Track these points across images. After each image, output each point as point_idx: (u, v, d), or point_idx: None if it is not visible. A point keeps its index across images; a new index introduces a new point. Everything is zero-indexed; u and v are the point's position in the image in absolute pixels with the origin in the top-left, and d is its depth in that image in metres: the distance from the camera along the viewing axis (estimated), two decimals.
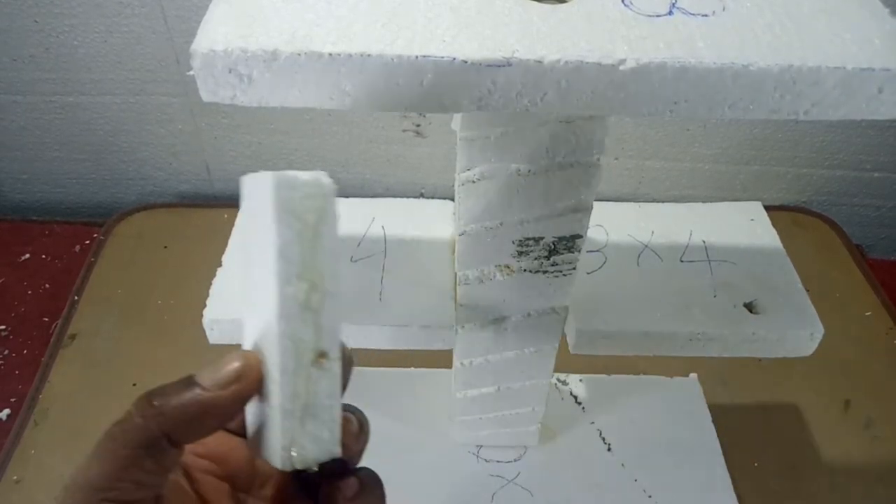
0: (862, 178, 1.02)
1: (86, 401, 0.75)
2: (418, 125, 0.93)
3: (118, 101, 0.93)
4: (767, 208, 0.65)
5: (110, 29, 0.86)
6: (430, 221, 0.61)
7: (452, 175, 0.46)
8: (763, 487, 0.71)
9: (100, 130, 0.96)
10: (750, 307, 0.56)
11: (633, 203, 0.64)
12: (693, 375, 0.78)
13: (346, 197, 0.63)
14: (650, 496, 0.68)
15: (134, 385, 0.77)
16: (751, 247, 0.61)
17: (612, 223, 0.62)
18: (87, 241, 0.94)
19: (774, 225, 0.64)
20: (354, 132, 0.95)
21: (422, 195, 1.03)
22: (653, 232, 0.62)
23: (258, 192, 0.32)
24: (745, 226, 0.63)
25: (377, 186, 1.02)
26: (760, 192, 1.03)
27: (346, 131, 0.95)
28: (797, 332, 0.56)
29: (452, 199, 0.61)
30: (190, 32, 0.88)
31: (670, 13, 0.37)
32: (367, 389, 0.75)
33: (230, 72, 0.33)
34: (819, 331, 0.55)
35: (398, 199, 0.64)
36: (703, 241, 0.61)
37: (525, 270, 0.50)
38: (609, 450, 0.71)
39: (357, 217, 0.61)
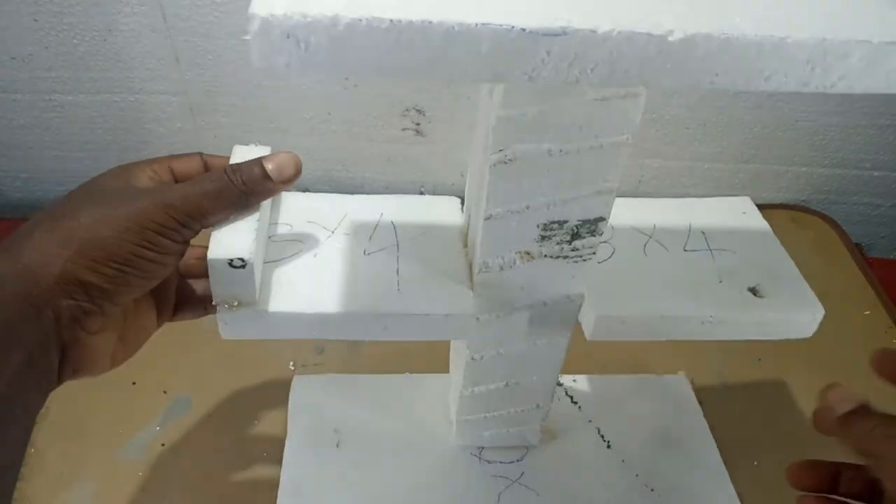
0: (861, 176, 1.04)
1: (85, 398, 0.75)
2: (418, 123, 0.94)
3: (117, 99, 0.93)
4: (767, 206, 0.67)
5: (109, 27, 0.86)
6: (438, 216, 0.61)
7: (452, 173, 0.47)
8: (761, 484, 0.72)
9: (99, 129, 0.96)
10: (754, 291, 0.58)
11: (630, 198, 0.65)
12: (681, 373, 0.80)
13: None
14: (652, 489, 0.69)
15: (133, 384, 0.77)
16: (746, 237, 0.63)
17: (615, 216, 0.62)
18: None
19: (773, 223, 0.65)
20: (354, 131, 0.96)
21: (422, 193, 1.03)
22: (654, 225, 0.63)
23: None
24: (738, 218, 0.65)
25: (377, 185, 1.03)
26: (760, 190, 1.04)
27: (345, 130, 0.95)
28: (800, 314, 0.57)
29: (451, 198, 0.62)
30: (189, 31, 0.89)
31: None
32: (366, 396, 0.75)
33: (288, 37, 0.33)
34: (820, 312, 0.57)
35: (403, 196, 0.64)
36: (703, 233, 0.63)
37: (546, 256, 0.51)
38: (609, 447, 0.72)
39: (364, 212, 0.61)
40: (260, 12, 0.32)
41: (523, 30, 0.32)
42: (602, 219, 0.49)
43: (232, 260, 0.48)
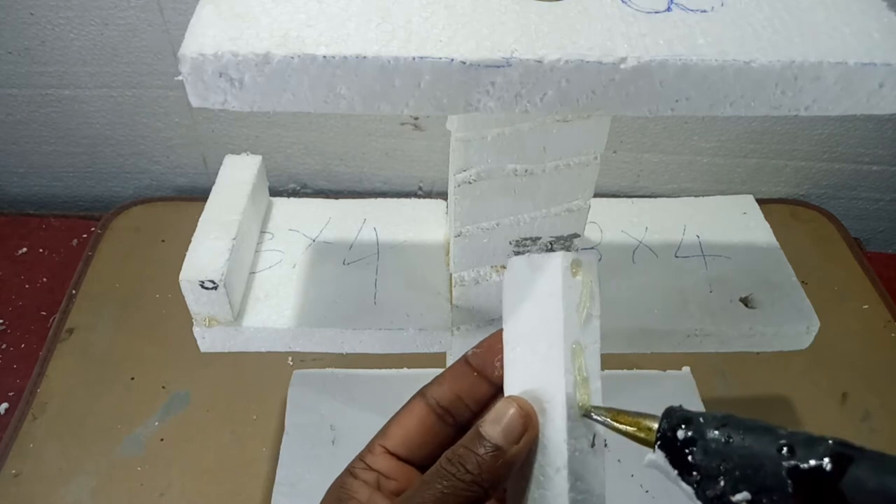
0: (860, 171, 1.02)
1: (84, 395, 0.75)
2: (416, 118, 0.93)
3: (115, 94, 0.92)
4: (766, 201, 0.65)
5: (106, 21, 0.86)
6: (423, 222, 0.60)
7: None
8: None
9: (96, 124, 0.96)
10: (746, 302, 0.56)
11: (626, 199, 0.64)
12: (686, 369, 0.78)
13: (342, 190, 0.63)
14: (647, 491, 0.68)
15: (132, 379, 0.77)
16: (744, 241, 0.61)
17: (606, 220, 0.61)
18: (85, 235, 0.94)
19: (772, 218, 0.63)
20: (352, 125, 0.95)
21: (420, 188, 1.03)
22: (647, 228, 0.61)
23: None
24: (738, 220, 0.63)
25: (375, 180, 1.02)
26: (759, 184, 1.03)
27: (343, 124, 0.95)
28: (793, 325, 0.56)
29: (447, 197, 0.61)
30: (187, 25, 0.87)
31: (668, 9, 0.36)
32: (363, 392, 0.75)
33: (220, 76, 0.32)
34: (815, 324, 0.55)
35: (389, 200, 0.63)
36: (698, 237, 0.61)
37: None
38: (606, 445, 0.71)
39: (348, 219, 0.60)
40: (190, 53, 0.31)
41: (463, 62, 0.31)
42: (576, 235, 0.48)
43: (203, 281, 0.48)
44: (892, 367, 0.82)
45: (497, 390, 0.40)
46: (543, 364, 0.37)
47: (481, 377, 0.40)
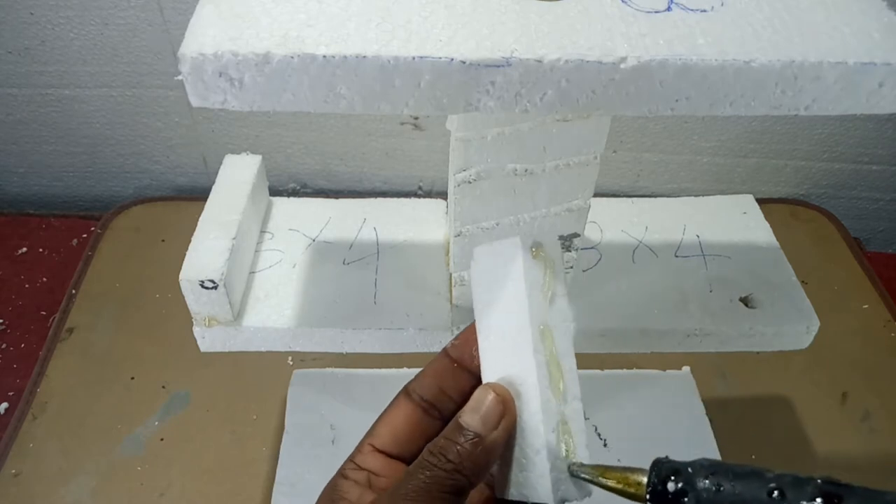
0: (860, 170, 1.02)
1: (84, 394, 0.75)
2: (416, 118, 0.93)
3: (115, 93, 0.92)
4: (766, 201, 0.65)
5: (106, 21, 0.86)
6: (423, 222, 0.60)
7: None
8: None
9: (96, 123, 0.96)
10: (746, 301, 0.56)
11: (626, 199, 0.64)
12: (686, 368, 0.78)
13: (342, 190, 0.63)
14: None
15: (132, 379, 0.77)
16: (744, 241, 0.61)
17: (606, 220, 0.61)
18: (85, 235, 0.94)
19: (772, 218, 0.63)
20: (352, 125, 0.95)
21: (420, 188, 1.03)
22: (647, 227, 0.62)
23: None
24: (738, 219, 0.63)
25: (375, 179, 1.02)
26: (759, 184, 1.03)
27: (343, 124, 0.95)
28: (793, 325, 0.56)
29: (447, 196, 0.61)
30: (187, 25, 0.86)
31: (668, 9, 0.36)
32: (363, 391, 0.75)
33: (220, 76, 0.32)
34: (815, 324, 0.55)
35: (389, 200, 0.63)
36: (698, 236, 0.61)
37: None
38: (605, 445, 0.71)
39: (348, 219, 0.60)
40: (190, 52, 0.31)
41: (463, 62, 0.31)
42: (576, 234, 0.48)
43: (203, 281, 0.48)
44: (892, 367, 0.82)
45: (478, 380, 0.41)
46: (514, 348, 0.38)
47: (461, 368, 0.41)
